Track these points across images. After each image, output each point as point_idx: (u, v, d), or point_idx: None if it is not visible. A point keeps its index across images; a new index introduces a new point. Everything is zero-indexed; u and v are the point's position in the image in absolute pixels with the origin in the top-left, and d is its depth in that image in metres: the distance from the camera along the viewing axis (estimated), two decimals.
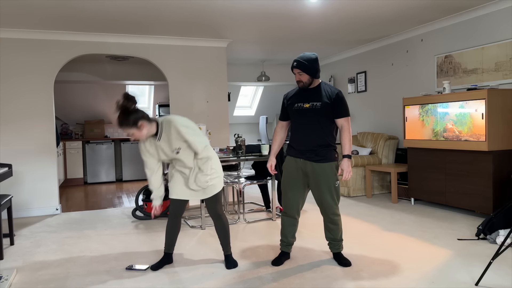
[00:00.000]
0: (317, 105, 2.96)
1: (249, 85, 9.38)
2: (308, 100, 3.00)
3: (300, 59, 2.94)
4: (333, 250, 3.15)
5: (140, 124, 2.80)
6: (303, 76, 2.95)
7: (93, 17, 4.62)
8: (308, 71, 2.93)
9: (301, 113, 3.00)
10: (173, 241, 3.18)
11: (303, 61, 2.92)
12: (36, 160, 5.20)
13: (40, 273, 3.09)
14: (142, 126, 2.81)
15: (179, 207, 3.13)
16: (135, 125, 2.79)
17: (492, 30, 4.61)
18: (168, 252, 3.19)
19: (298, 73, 2.96)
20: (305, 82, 2.98)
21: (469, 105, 4.32)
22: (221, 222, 3.12)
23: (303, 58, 2.94)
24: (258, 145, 4.63)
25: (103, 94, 8.44)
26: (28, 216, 5.15)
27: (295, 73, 3.00)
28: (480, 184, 4.27)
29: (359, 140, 6.47)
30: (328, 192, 2.98)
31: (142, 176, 8.53)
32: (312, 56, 2.96)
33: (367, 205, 5.25)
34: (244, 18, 4.89)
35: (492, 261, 2.60)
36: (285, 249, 3.20)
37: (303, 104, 3.00)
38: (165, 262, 3.17)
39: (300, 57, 2.96)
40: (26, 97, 5.16)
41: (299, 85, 3.02)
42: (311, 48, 6.82)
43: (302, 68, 2.92)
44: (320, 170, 2.96)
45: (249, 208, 5.28)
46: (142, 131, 2.81)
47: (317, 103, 2.96)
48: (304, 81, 2.97)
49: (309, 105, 2.98)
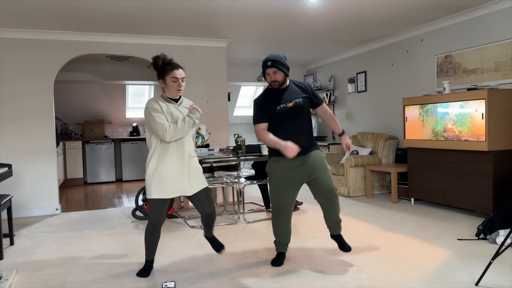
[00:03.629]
0: (300, 101, 2.99)
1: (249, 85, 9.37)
2: (288, 99, 2.98)
3: (272, 58, 2.91)
4: (335, 232, 3.18)
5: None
6: (278, 74, 2.93)
7: (93, 17, 4.62)
8: (284, 69, 2.93)
9: (287, 113, 2.98)
10: (155, 248, 3.02)
11: (277, 59, 2.91)
12: (36, 160, 5.20)
13: (40, 273, 3.09)
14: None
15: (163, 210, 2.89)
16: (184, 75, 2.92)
17: (492, 30, 4.62)
18: (150, 260, 3.03)
19: (273, 72, 2.93)
20: (280, 81, 2.96)
21: (469, 105, 4.32)
22: (214, 217, 3.03)
23: (276, 57, 2.92)
24: (258, 145, 4.62)
25: (103, 94, 8.43)
26: (28, 216, 5.15)
27: (269, 73, 2.95)
28: (480, 184, 4.27)
29: (359, 140, 6.47)
30: (326, 173, 3.04)
31: (142, 176, 8.53)
32: (281, 54, 2.98)
33: (367, 205, 5.24)
34: (244, 18, 4.89)
35: (492, 261, 2.60)
36: (282, 250, 3.17)
37: (286, 104, 2.97)
38: (151, 267, 3.03)
39: (272, 56, 2.93)
40: (26, 97, 5.16)
41: (274, 85, 2.97)
42: (311, 48, 6.82)
43: (278, 66, 2.90)
44: (312, 158, 3.01)
45: (249, 208, 5.28)
46: (184, 83, 2.93)
47: (298, 99, 2.99)
48: (280, 80, 2.95)
49: (292, 103, 2.97)
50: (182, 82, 2.89)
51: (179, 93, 2.92)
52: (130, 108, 8.95)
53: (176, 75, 2.85)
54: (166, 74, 2.86)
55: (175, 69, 2.86)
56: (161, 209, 2.86)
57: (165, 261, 3.28)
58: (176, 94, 2.91)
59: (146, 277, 2.96)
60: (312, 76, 8.47)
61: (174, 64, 2.87)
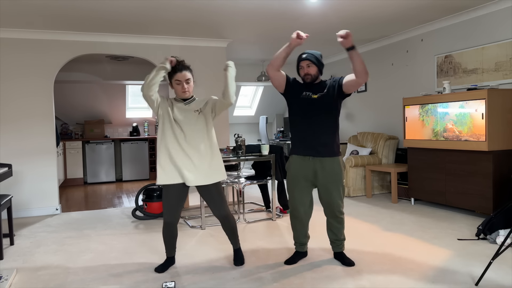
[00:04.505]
0: (324, 94, 2.94)
1: (249, 85, 9.38)
2: (316, 91, 2.96)
3: (308, 51, 2.97)
4: (336, 249, 3.15)
5: (194, 80, 2.96)
6: (312, 68, 2.94)
7: (93, 17, 4.62)
8: (317, 63, 2.94)
9: (309, 103, 2.94)
10: (173, 245, 3.12)
11: (313, 53, 2.95)
12: (36, 160, 5.20)
13: (40, 273, 3.09)
14: (194, 82, 2.96)
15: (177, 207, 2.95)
16: (193, 76, 2.93)
17: (492, 30, 4.61)
18: (170, 256, 3.14)
19: (307, 65, 2.94)
20: (313, 75, 2.95)
21: (469, 105, 4.32)
22: (227, 221, 3.03)
23: (311, 52, 2.97)
24: (258, 145, 4.62)
25: (103, 94, 8.43)
26: (28, 216, 5.15)
27: (302, 66, 2.96)
28: (480, 184, 4.27)
29: (359, 140, 6.47)
30: (337, 190, 2.97)
31: (142, 176, 8.53)
32: (318, 52, 3.01)
33: (367, 205, 5.24)
34: (244, 18, 4.89)
35: (492, 261, 2.60)
36: (299, 249, 3.19)
37: (312, 94, 2.95)
38: (169, 264, 3.12)
39: (307, 50, 2.99)
40: (26, 97, 5.16)
41: (307, 78, 2.96)
42: (311, 48, 6.82)
43: (312, 59, 2.93)
44: (329, 168, 2.94)
45: (249, 208, 5.28)
46: (191, 84, 2.91)
47: (323, 93, 2.94)
48: (312, 73, 2.95)
49: (317, 96, 2.94)
50: (187, 83, 2.86)
51: (185, 95, 2.91)
52: (130, 108, 8.95)
53: (179, 78, 2.85)
54: (171, 77, 2.88)
55: (178, 72, 2.84)
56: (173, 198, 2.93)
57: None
58: (182, 96, 2.92)
59: (160, 272, 3.02)
60: None
61: (179, 66, 2.85)
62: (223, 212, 2.99)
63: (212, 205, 2.97)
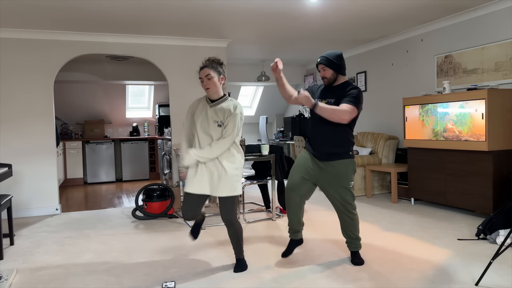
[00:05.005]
0: (331, 102, 2.95)
1: (249, 85, 9.38)
2: (326, 96, 3.00)
3: (324, 54, 3.00)
4: (350, 248, 3.14)
5: (222, 77, 2.94)
6: (327, 71, 2.97)
7: (93, 17, 4.62)
8: (331, 65, 2.95)
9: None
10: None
11: (326, 56, 2.97)
12: (36, 160, 5.20)
13: (40, 273, 3.09)
14: (222, 79, 2.94)
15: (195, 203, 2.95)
16: (218, 72, 2.91)
17: (492, 30, 4.61)
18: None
19: (322, 68, 2.99)
20: (329, 78, 2.99)
21: (469, 105, 4.32)
22: (233, 228, 2.97)
23: (327, 53, 3.00)
24: (258, 145, 4.62)
25: (103, 94, 8.43)
26: (28, 216, 5.15)
27: (319, 70, 3.02)
28: (480, 184, 4.27)
29: (359, 140, 6.47)
30: (343, 190, 2.99)
31: (142, 176, 8.53)
32: (337, 52, 3.01)
33: (367, 205, 5.24)
34: (244, 18, 4.89)
35: (492, 261, 2.59)
36: (293, 236, 3.18)
37: (321, 100, 3.00)
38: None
39: (325, 53, 3.01)
40: (26, 97, 5.16)
41: (324, 81, 3.04)
42: (311, 48, 6.82)
43: (325, 63, 2.95)
44: (333, 169, 2.96)
45: (249, 208, 5.28)
46: (217, 81, 2.90)
47: (331, 99, 2.96)
48: (328, 76, 2.98)
49: (325, 101, 2.98)
50: (208, 79, 2.88)
51: (208, 92, 2.92)
52: (130, 108, 8.96)
53: (200, 75, 2.91)
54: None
55: (200, 70, 2.93)
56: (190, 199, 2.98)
57: (165, 261, 3.28)
58: (207, 93, 2.94)
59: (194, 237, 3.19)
60: (312, 76, 8.47)
61: (201, 65, 2.93)
62: (227, 216, 2.93)
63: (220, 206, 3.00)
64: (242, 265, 3.05)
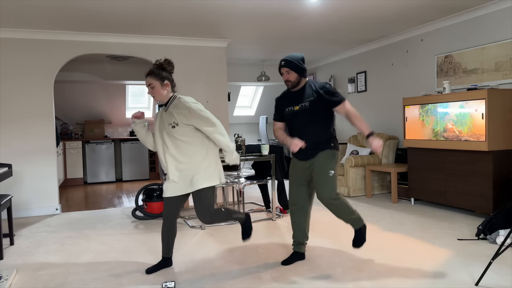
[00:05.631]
0: (306, 105, 2.96)
1: (249, 85, 9.38)
2: (297, 101, 3.01)
3: (287, 58, 2.97)
4: (353, 227, 3.12)
5: (166, 83, 2.90)
6: (291, 74, 2.97)
7: (93, 17, 4.62)
8: (296, 69, 2.95)
9: (294, 116, 3.02)
10: (169, 245, 3.06)
11: (291, 60, 2.95)
12: (36, 160, 5.20)
13: (40, 273, 3.09)
14: (166, 85, 2.91)
15: (172, 206, 2.97)
16: (161, 79, 2.89)
17: (492, 30, 4.61)
18: (166, 257, 3.10)
19: (286, 71, 2.97)
20: (293, 81, 2.99)
21: (469, 105, 4.32)
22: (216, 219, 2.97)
23: (290, 57, 2.97)
24: (258, 145, 4.62)
25: (103, 94, 8.43)
26: (28, 216, 5.15)
27: (283, 73, 3.00)
28: (480, 184, 4.27)
29: (359, 140, 6.47)
30: (323, 177, 2.92)
31: (142, 176, 8.53)
32: (299, 55, 3.00)
33: (367, 205, 5.25)
34: (244, 18, 4.89)
35: (492, 261, 2.60)
36: (296, 248, 3.19)
37: (293, 107, 3.02)
38: (163, 266, 3.07)
39: (287, 56, 2.98)
40: (26, 97, 5.16)
41: (288, 85, 3.03)
42: (311, 48, 6.82)
43: (290, 67, 2.94)
44: (322, 159, 2.96)
45: (249, 208, 5.28)
46: (161, 89, 2.88)
47: (305, 103, 2.97)
48: (292, 80, 2.98)
49: (298, 107, 2.99)
50: (151, 88, 2.89)
51: (155, 99, 2.95)
52: (130, 108, 8.95)
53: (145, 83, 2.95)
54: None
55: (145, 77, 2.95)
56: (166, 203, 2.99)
57: None
58: (154, 100, 3.00)
59: (149, 273, 3.00)
60: (312, 76, 8.47)
61: (148, 71, 2.94)
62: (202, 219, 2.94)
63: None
64: (247, 228, 3.09)
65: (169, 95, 2.94)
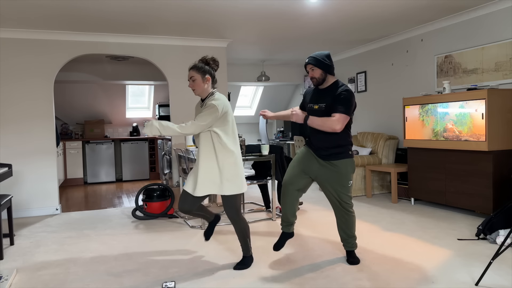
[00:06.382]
0: (322, 107, 2.96)
1: (249, 85, 9.38)
2: (318, 101, 3.01)
3: (312, 55, 3.01)
4: (346, 247, 3.15)
5: (207, 77, 2.94)
6: (315, 71, 2.97)
7: (93, 17, 4.62)
8: (320, 65, 2.95)
9: (312, 114, 3.02)
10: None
11: (314, 56, 2.97)
12: (36, 160, 5.20)
13: (40, 273, 3.09)
14: (207, 80, 2.94)
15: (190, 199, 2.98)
16: (203, 73, 2.92)
17: (492, 30, 4.61)
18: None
19: (311, 68, 2.99)
20: (318, 78, 2.99)
21: (469, 105, 4.32)
22: (236, 225, 3.01)
23: (315, 54, 3.00)
24: (258, 145, 4.62)
25: (103, 94, 8.43)
26: (28, 216, 5.15)
27: (308, 71, 3.03)
28: (480, 184, 4.27)
29: (359, 140, 6.47)
30: (340, 187, 2.99)
31: (142, 176, 8.54)
32: (324, 52, 3.02)
33: (367, 205, 5.25)
34: (244, 18, 4.89)
35: (492, 261, 2.60)
36: (285, 229, 3.18)
37: (313, 105, 3.03)
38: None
39: (313, 53, 3.02)
40: (26, 97, 5.16)
41: (313, 81, 3.04)
42: (311, 48, 6.82)
43: (313, 63, 2.95)
44: (331, 169, 2.97)
45: (249, 208, 5.28)
46: (202, 83, 2.92)
47: (323, 104, 2.97)
48: (317, 77, 2.98)
49: (317, 106, 3.00)
50: (193, 81, 2.94)
51: (194, 92, 2.97)
52: (130, 108, 8.96)
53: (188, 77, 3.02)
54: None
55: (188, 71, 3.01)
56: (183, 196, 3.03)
57: (165, 261, 3.28)
58: (194, 93, 2.99)
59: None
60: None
61: (192, 65, 3.00)
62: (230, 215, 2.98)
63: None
64: (244, 263, 3.07)
65: (209, 90, 2.98)
